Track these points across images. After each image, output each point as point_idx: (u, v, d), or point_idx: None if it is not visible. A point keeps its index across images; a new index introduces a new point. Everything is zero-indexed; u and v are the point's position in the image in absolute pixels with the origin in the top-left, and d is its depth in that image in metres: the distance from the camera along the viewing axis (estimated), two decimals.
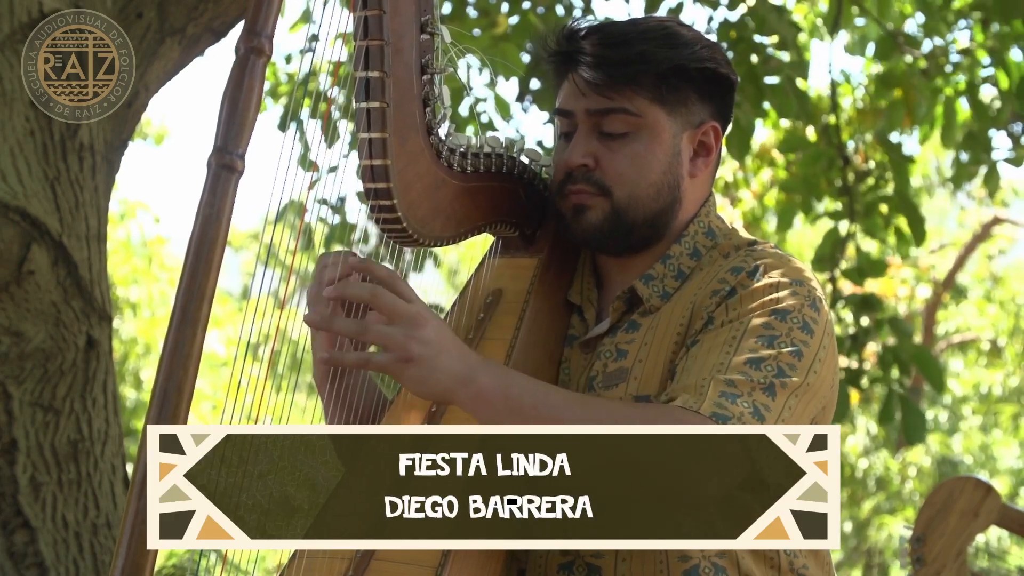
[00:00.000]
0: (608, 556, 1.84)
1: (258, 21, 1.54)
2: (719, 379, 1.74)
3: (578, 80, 1.91)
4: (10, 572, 3.18)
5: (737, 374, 1.74)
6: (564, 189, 1.93)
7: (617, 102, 1.89)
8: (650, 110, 1.90)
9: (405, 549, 1.77)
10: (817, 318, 1.83)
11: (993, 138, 5.96)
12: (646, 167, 1.91)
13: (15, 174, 3.23)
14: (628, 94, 1.89)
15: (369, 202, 1.80)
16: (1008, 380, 14.96)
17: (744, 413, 1.71)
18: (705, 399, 1.72)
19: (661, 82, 1.89)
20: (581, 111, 1.92)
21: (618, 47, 1.89)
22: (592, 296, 2.01)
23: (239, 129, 1.52)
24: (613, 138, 1.90)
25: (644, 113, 1.89)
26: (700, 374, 1.76)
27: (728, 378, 1.74)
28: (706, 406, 1.71)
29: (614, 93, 1.89)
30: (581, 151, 1.91)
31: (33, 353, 3.24)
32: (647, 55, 1.89)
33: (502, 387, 1.73)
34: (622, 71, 1.88)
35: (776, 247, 1.93)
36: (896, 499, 13.39)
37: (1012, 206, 15.98)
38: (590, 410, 1.73)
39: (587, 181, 1.91)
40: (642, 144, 1.90)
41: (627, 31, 1.92)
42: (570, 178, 1.92)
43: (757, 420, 1.72)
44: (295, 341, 1.90)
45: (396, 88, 1.77)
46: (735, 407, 1.71)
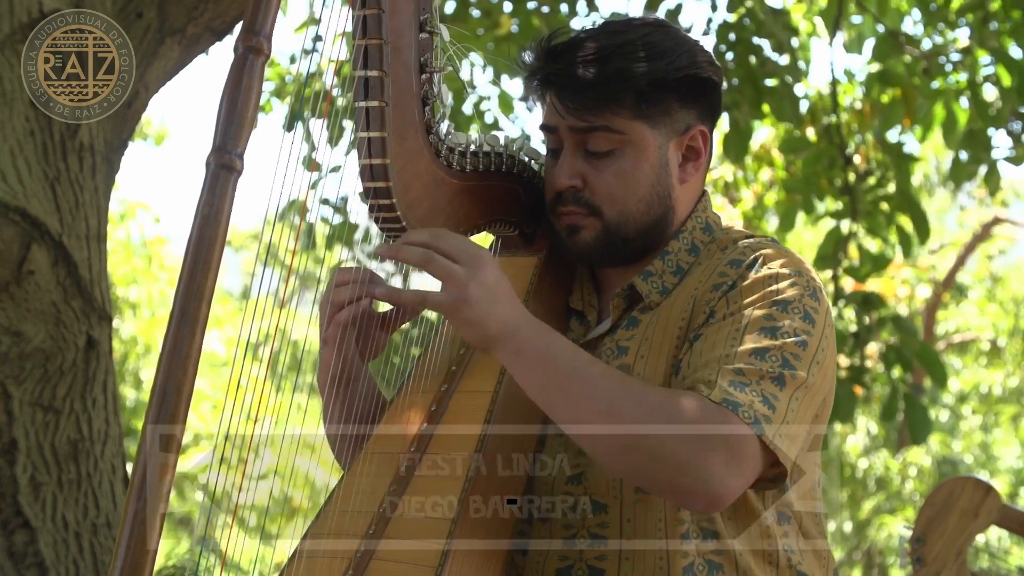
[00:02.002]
0: (612, 558, 1.84)
1: (256, 20, 1.54)
2: (726, 369, 1.74)
3: (557, 103, 1.90)
4: (10, 572, 3.18)
5: (744, 363, 1.75)
6: (556, 209, 1.94)
7: (598, 122, 1.88)
8: (632, 126, 1.88)
9: (405, 549, 1.77)
10: (818, 307, 1.83)
11: (993, 137, 5.96)
12: (634, 183, 1.90)
13: (15, 174, 3.23)
14: (608, 115, 1.87)
15: (368, 201, 1.80)
16: (1008, 380, 14.96)
17: (754, 401, 1.71)
18: (715, 387, 1.72)
19: (640, 98, 1.87)
20: (565, 128, 1.91)
21: (594, 66, 1.87)
22: (593, 300, 2.01)
23: (238, 129, 1.52)
24: (599, 157, 1.90)
25: (627, 130, 1.88)
26: (708, 365, 1.76)
27: (736, 367, 1.74)
28: (716, 393, 1.71)
29: (593, 115, 1.88)
30: (567, 172, 1.91)
31: (33, 353, 3.23)
32: (623, 73, 1.87)
33: (543, 345, 1.74)
34: (599, 93, 1.87)
35: (774, 240, 1.93)
36: (896, 499, 13.39)
37: (1012, 206, 16.00)
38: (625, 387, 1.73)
39: (577, 202, 1.91)
40: (628, 161, 1.89)
41: (604, 46, 1.89)
42: (560, 199, 1.92)
43: (768, 409, 1.72)
44: (295, 341, 1.90)
45: (395, 87, 1.77)
46: (744, 395, 1.72)
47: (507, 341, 1.74)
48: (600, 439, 1.72)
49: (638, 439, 1.69)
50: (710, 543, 1.84)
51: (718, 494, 1.70)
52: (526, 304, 1.95)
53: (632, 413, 1.70)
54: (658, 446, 1.69)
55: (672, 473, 1.70)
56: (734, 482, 1.70)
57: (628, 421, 1.70)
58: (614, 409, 1.71)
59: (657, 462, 1.70)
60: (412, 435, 1.89)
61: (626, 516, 1.84)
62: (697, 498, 1.71)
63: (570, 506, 1.87)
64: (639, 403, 1.71)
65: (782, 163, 7.48)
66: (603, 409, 1.71)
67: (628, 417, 1.70)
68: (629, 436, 1.70)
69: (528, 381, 1.76)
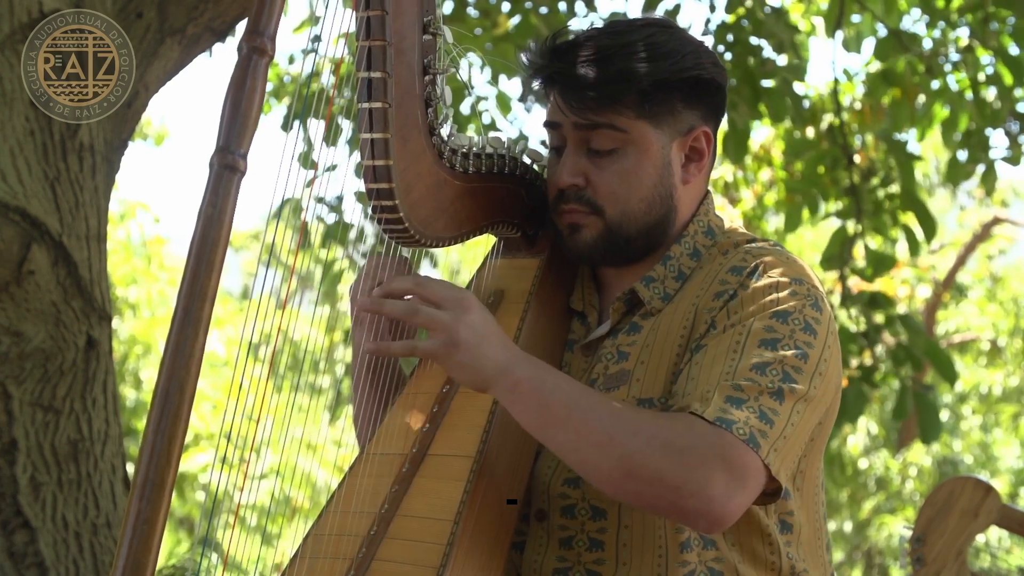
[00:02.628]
0: (609, 563, 1.84)
1: (260, 21, 1.53)
2: (725, 385, 1.74)
3: (560, 102, 1.90)
4: (10, 572, 3.17)
5: (743, 380, 1.74)
6: (558, 207, 1.94)
7: (602, 119, 1.88)
8: (636, 125, 1.88)
9: (407, 550, 1.77)
10: (820, 318, 1.82)
11: (991, 137, 5.96)
12: (636, 183, 1.90)
13: (15, 174, 3.23)
14: (611, 113, 1.87)
15: (371, 202, 1.80)
16: (1008, 380, 14.96)
17: (750, 418, 1.71)
18: (710, 405, 1.72)
19: (644, 98, 1.87)
20: (568, 126, 1.91)
21: (598, 65, 1.87)
22: (594, 301, 2.00)
23: (241, 129, 1.52)
24: (601, 155, 1.90)
25: (630, 129, 1.88)
26: (708, 381, 1.76)
27: (735, 383, 1.74)
28: (711, 412, 1.71)
29: (596, 114, 1.88)
30: (570, 170, 1.90)
31: (33, 353, 3.23)
32: (628, 73, 1.87)
33: (536, 381, 1.74)
34: (603, 91, 1.87)
35: (776, 244, 1.93)
36: (896, 499, 13.39)
37: (1012, 206, 15.99)
38: (619, 416, 1.73)
39: (579, 200, 1.91)
40: (631, 160, 1.89)
41: (608, 46, 1.89)
42: (562, 197, 1.92)
43: (765, 424, 1.71)
44: (296, 341, 1.90)
45: (398, 88, 1.77)
46: (740, 412, 1.71)
47: (500, 380, 1.74)
48: (600, 468, 1.72)
49: (637, 467, 1.69)
50: (711, 551, 1.84)
51: (721, 514, 1.69)
52: (528, 305, 1.95)
53: (629, 442, 1.69)
54: (657, 472, 1.68)
55: (674, 496, 1.69)
56: (736, 501, 1.69)
57: (625, 449, 1.69)
58: (611, 439, 1.70)
59: (657, 487, 1.69)
60: (414, 436, 1.89)
61: (624, 522, 1.84)
62: (700, 519, 1.71)
63: (568, 508, 1.87)
64: (636, 431, 1.70)
65: (780, 163, 7.48)
66: (600, 440, 1.71)
67: (625, 445, 1.69)
68: (627, 464, 1.69)
69: (524, 417, 1.76)
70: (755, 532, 1.85)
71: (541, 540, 1.89)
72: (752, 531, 1.85)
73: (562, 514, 1.87)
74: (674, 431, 1.71)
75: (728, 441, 1.69)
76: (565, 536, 1.86)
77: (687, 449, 1.68)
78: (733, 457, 1.68)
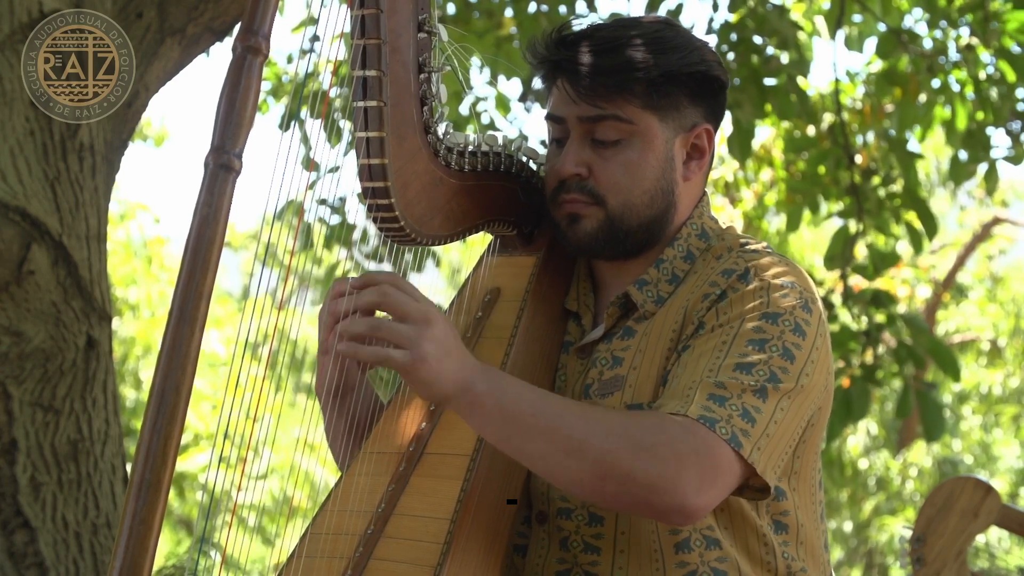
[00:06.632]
0: (604, 564, 1.84)
1: (255, 20, 1.54)
2: (708, 382, 1.73)
3: (568, 89, 1.90)
4: (10, 572, 3.18)
5: (727, 378, 1.73)
6: (558, 198, 1.93)
7: (608, 110, 1.88)
8: (642, 117, 1.89)
9: (404, 549, 1.77)
10: (809, 319, 1.81)
11: (992, 136, 5.96)
12: (639, 174, 1.90)
13: (15, 174, 3.23)
14: (619, 102, 1.87)
15: (367, 201, 1.80)
16: (1008, 380, 14.95)
17: (732, 416, 1.70)
18: (692, 403, 1.71)
19: (651, 89, 1.87)
20: (573, 118, 1.91)
21: (607, 54, 1.88)
22: (589, 301, 2.00)
23: (236, 128, 1.52)
24: (606, 146, 1.89)
25: (636, 120, 1.88)
26: (691, 379, 1.75)
27: (718, 380, 1.73)
28: (693, 409, 1.71)
29: (605, 101, 1.87)
30: (574, 160, 1.90)
31: (33, 353, 3.23)
32: (636, 63, 1.87)
33: (497, 394, 1.72)
34: (612, 79, 1.87)
35: (768, 247, 1.92)
36: (896, 499, 13.38)
37: (1012, 206, 15.98)
38: (587, 419, 1.71)
39: (580, 190, 1.90)
40: (635, 151, 1.89)
41: (617, 37, 1.90)
42: (563, 187, 1.92)
43: (747, 423, 1.71)
44: (294, 341, 1.90)
45: (393, 87, 1.77)
46: (722, 410, 1.70)
47: (460, 396, 1.71)
48: (572, 474, 1.70)
49: (609, 468, 1.68)
50: (714, 551, 1.83)
51: (693, 508, 1.69)
52: (524, 303, 1.95)
53: (600, 444, 1.68)
54: (630, 471, 1.67)
55: (648, 494, 1.68)
56: (707, 496, 1.69)
57: (597, 453, 1.68)
58: (581, 444, 1.69)
59: (630, 485, 1.68)
60: (411, 435, 1.89)
61: (620, 528, 1.84)
62: (675, 514, 1.70)
63: (566, 511, 1.87)
64: (607, 432, 1.69)
65: (781, 163, 7.48)
66: (570, 446, 1.69)
67: (596, 448, 1.68)
68: (600, 467, 1.68)
69: (488, 432, 1.74)
70: (750, 532, 1.85)
71: (543, 542, 1.89)
72: (748, 531, 1.85)
73: (560, 516, 1.87)
74: (644, 429, 1.70)
75: (700, 435, 1.68)
76: (563, 537, 1.87)
77: (658, 446, 1.68)
78: (704, 450, 1.68)
